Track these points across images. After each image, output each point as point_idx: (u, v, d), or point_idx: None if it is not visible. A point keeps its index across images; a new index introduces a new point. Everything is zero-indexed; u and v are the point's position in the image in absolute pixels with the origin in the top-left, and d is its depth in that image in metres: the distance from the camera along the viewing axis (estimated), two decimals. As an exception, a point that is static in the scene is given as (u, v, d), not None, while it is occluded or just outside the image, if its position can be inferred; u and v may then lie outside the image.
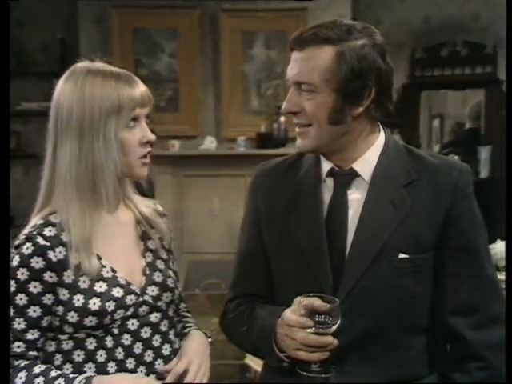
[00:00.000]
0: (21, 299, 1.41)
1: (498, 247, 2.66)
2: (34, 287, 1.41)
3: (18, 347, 1.41)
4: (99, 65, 1.49)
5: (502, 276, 2.36)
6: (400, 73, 5.54)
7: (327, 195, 1.49)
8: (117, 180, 1.48)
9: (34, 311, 1.41)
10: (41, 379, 1.38)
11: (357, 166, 1.47)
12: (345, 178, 1.48)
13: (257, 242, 1.57)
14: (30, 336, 1.42)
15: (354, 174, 1.48)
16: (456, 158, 5.47)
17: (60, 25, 5.39)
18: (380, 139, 1.50)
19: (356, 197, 1.47)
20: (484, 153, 5.45)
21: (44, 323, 1.43)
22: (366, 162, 1.47)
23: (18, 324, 1.41)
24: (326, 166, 1.50)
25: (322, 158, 1.51)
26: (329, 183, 1.50)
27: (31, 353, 1.42)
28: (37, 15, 5.38)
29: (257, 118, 5.16)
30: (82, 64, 1.49)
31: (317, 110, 1.41)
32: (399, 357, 1.45)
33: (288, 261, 1.50)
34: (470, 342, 1.44)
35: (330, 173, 1.49)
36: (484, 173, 5.46)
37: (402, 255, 1.42)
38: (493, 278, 1.49)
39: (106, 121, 1.43)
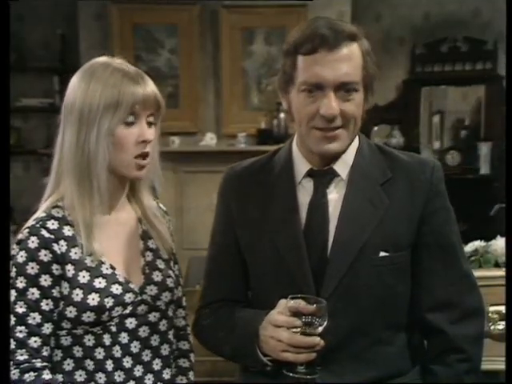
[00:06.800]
0: (33, 294, 1.39)
1: (498, 243, 2.66)
2: (45, 280, 1.40)
3: (34, 342, 1.39)
4: (114, 61, 1.49)
5: (501, 272, 2.37)
6: (400, 68, 5.54)
7: (303, 196, 1.48)
8: (110, 175, 1.47)
9: (46, 304, 1.41)
10: None
11: (336, 165, 1.47)
12: (325, 178, 1.47)
13: (231, 246, 1.54)
14: (45, 330, 1.41)
15: (334, 174, 1.47)
16: (456, 154, 5.48)
17: (60, 20, 5.37)
18: (355, 138, 1.49)
19: (334, 196, 1.46)
20: (484, 149, 5.44)
21: (55, 317, 1.42)
22: (344, 162, 1.47)
23: (33, 319, 1.39)
24: (303, 166, 1.49)
25: (297, 158, 1.50)
26: (305, 184, 1.49)
27: (46, 347, 1.41)
28: (37, 11, 5.36)
29: (257, 114, 5.14)
30: (99, 59, 1.50)
31: (357, 109, 1.40)
32: (381, 354, 1.45)
33: (265, 264, 1.49)
34: (451, 336, 1.46)
35: (309, 173, 1.48)
36: (484, 169, 5.45)
37: (382, 253, 1.42)
38: (468, 272, 1.51)
39: (102, 113, 1.43)
